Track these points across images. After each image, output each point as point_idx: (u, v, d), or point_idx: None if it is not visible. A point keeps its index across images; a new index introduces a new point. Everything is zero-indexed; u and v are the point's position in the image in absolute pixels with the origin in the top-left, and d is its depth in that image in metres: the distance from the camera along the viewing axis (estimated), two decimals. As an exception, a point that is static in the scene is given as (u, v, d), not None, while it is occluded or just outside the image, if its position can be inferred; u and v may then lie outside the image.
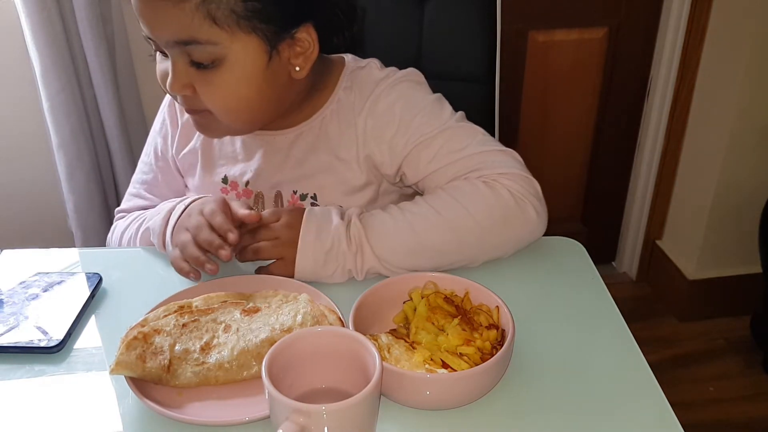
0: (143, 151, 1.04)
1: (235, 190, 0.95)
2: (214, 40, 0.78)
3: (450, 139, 0.88)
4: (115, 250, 0.96)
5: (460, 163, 0.87)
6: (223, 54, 0.79)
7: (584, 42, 1.81)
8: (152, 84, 1.66)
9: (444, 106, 0.91)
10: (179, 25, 0.76)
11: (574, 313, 0.78)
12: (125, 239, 0.95)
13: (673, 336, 1.93)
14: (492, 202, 0.83)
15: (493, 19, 1.08)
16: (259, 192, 0.95)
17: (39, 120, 1.55)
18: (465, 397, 0.64)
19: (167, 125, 1.00)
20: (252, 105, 0.85)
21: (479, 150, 0.87)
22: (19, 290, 0.81)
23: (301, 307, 0.72)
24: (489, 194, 0.83)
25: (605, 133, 1.97)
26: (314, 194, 0.93)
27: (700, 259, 1.91)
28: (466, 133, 0.89)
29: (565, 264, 0.86)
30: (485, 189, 0.83)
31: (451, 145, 0.87)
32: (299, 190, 0.93)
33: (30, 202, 1.71)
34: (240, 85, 0.82)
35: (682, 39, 1.80)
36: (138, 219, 0.95)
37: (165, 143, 1.01)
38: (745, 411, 1.70)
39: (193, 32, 0.77)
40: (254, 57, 0.81)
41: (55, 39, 1.43)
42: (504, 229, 0.83)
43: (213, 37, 0.77)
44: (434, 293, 0.72)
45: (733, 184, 1.80)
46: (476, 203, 0.82)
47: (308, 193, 0.93)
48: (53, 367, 0.71)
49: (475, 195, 0.83)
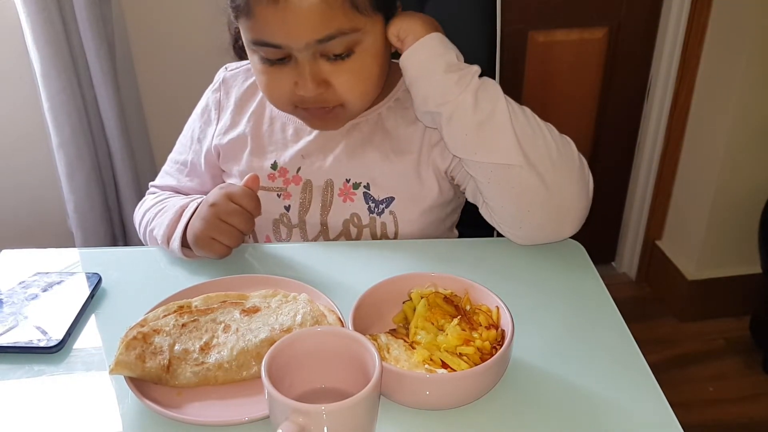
0: (182, 133, 1.05)
1: (284, 176, 0.96)
2: (358, 27, 0.81)
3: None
4: (115, 249, 0.96)
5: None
6: (360, 40, 0.82)
7: (584, 42, 1.81)
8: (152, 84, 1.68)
9: None
10: (327, 20, 0.79)
11: (574, 313, 0.78)
12: (146, 219, 0.97)
13: (673, 336, 1.93)
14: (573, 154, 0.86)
15: (493, 19, 1.08)
16: (308, 180, 0.95)
17: (39, 120, 1.55)
18: (464, 397, 0.64)
19: (210, 111, 1.01)
20: (378, 82, 0.89)
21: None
22: (19, 290, 0.81)
23: (300, 307, 0.72)
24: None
25: (605, 133, 1.97)
26: (367, 183, 0.94)
27: (700, 259, 1.91)
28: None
29: (565, 264, 0.86)
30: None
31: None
32: (352, 179, 0.94)
33: (30, 202, 1.71)
34: (373, 65, 0.86)
35: (682, 39, 1.80)
36: (162, 203, 0.97)
37: (205, 129, 1.01)
38: (745, 411, 1.70)
39: (340, 24, 0.79)
40: (380, 35, 0.85)
41: (56, 39, 1.43)
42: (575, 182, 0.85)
43: (357, 25, 0.81)
44: (434, 293, 0.72)
45: (733, 184, 1.80)
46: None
47: (361, 182, 0.94)
48: (53, 367, 0.71)
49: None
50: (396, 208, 0.94)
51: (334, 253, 0.89)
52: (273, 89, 0.87)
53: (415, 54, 0.83)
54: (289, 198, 0.95)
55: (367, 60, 0.85)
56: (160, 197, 1.00)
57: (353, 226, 0.94)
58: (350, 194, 0.94)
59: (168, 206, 0.94)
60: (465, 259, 0.88)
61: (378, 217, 0.94)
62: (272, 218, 0.96)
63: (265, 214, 0.93)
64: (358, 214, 0.94)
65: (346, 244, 0.93)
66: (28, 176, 1.68)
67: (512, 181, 0.83)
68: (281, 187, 0.95)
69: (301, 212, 0.95)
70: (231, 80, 1.02)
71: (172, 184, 1.03)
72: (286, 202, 0.95)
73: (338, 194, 0.94)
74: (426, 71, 0.83)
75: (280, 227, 0.97)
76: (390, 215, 0.94)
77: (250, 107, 0.99)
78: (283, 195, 0.95)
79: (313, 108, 0.87)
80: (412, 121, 0.94)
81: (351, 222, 0.94)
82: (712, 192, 1.81)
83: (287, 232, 0.97)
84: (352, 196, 0.94)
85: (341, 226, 0.94)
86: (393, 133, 0.94)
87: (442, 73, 0.82)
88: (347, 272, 0.85)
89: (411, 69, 0.84)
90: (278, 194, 0.95)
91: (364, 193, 0.94)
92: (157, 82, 1.68)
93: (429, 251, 0.90)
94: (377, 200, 0.94)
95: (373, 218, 0.94)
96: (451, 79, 0.82)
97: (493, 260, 0.87)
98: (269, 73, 0.85)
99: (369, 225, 0.94)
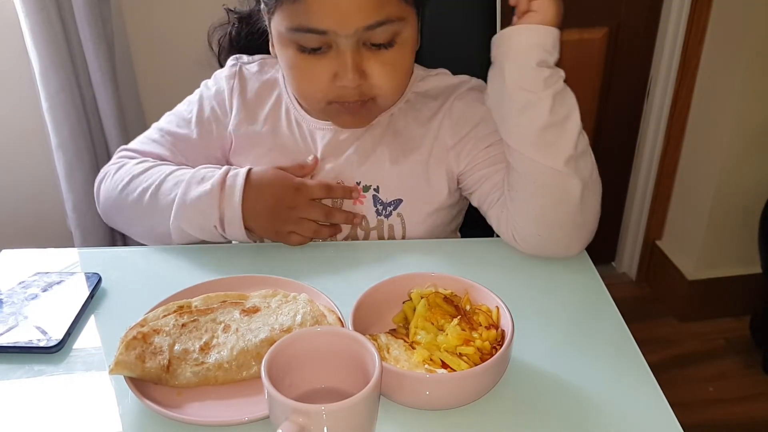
0: (178, 108, 1.00)
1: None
2: (403, 16, 0.82)
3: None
4: (114, 249, 0.96)
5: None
6: (401, 31, 0.83)
7: (584, 42, 1.81)
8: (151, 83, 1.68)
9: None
10: (378, 7, 0.80)
11: (574, 313, 0.78)
12: (134, 186, 0.91)
13: (673, 336, 1.93)
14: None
15: (493, 19, 1.08)
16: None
17: (38, 120, 1.54)
18: (464, 397, 0.64)
19: (226, 96, 0.98)
20: (408, 79, 0.92)
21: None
22: (19, 290, 0.81)
23: (300, 307, 0.72)
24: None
25: (605, 133, 1.97)
26: (377, 186, 0.93)
27: (700, 259, 1.91)
28: None
29: (565, 264, 0.86)
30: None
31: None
32: (363, 182, 0.94)
33: (29, 202, 1.70)
34: (408, 58, 0.88)
35: (682, 39, 1.80)
36: (166, 172, 0.90)
37: (220, 110, 0.98)
38: (745, 411, 1.70)
39: (390, 11, 0.80)
40: (415, 29, 0.87)
41: (55, 39, 1.43)
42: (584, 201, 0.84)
43: (402, 14, 0.82)
44: (434, 293, 0.71)
45: (733, 184, 1.80)
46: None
47: (371, 185, 0.94)
48: (52, 367, 0.71)
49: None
50: (404, 210, 0.93)
51: (334, 253, 0.89)
52: (309, 81, 0.86)
53: (529, 33, 0.80)
54: None
55: (404, 52, 0.85)
56: (151, 163, 0.93)
57: (360, 228, 0.94)
58: (360, 197, 0.94)
59: (186, 176, 0.88)
60: (465, 259, 0.88)
61: (386, 220, 0.94)
62: None
63: None
64: (366, 216, 0.94)
65: (346, 244, 0.93)
66: (27, 176, 1.68)
67: (556, 187, 0.82)
68: None
69: None
70: (246, 71, 0.99)
71: (159, 153, 0.96)
72: None
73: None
74: (525, 55, 0.80)
75: None
76: (398, 217, 0.93)
77: (266, 104, 0.97)
78: None
79: (346, 102, 0.87)
80: (423, 122, 0.94)
81: (359, 224, 0.94)
82: (712, 192, 1.81)
83: None
84: (362, 199, 0.94)
85: (348, 228, 0.94)
86: (403, 134, 0.94)
87: (535, 66, 0.80)
88: (347, 272, 0.85)
89: (515, 42, 0.81)
90: None
91: (373, 196, 0.93)
92: (156, 81, 1.68)
93: (429, 251, 0.90)
94: (385, 203, 0.93)
95: (380, 220, 0.94)
96: (542, 73, 0.80)
97: (493, 260, 0.87)
98: (306, 64, 0.84)
99: (376, 227, 0.94)
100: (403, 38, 0.84)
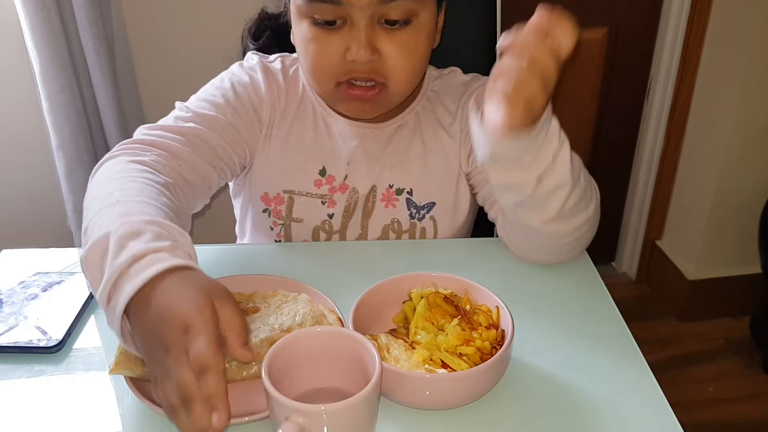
0: (201, 93, 0.91)
1: (330, 184, 0.93)
2: None
3: None
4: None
5: None
6: (418, 11, 0.81)
7: (584, 42, 1.81)
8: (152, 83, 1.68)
9: None
10: None
11: (574, 313, 0.78)
12: (88, 202, 0.71)
13: (673, 336, 1.93)
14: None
15: (493, 19, 1.08)
16: (354, 188, 0.93)
17: (38, 120, 1.54)
18: (464, 397, 0.64)
19: (263, 88, 0.91)
20: (422, 68, 0.88)
21: None
22: (19, 290, 0.81)
23: (300, 307, 0.72)
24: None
25: (605, 133, 1.97)
26: (410, 189, 0.93)
27: (700, 259, 1.91)
28: None
29: (565, 264, 0.86)
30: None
31: None
32: (395, 185, 0.93)
33: (29, 202, 1.70)
34: (423, 43, 0.85)
35: (682, 39, 1.80)
36: (119, 200, 0.67)
37: (257, 99, 0.91)
38: (745, 411, 1.70)
39: None
40: (433, 17, 0.85)
41: (55, 39, 1.42)
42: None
43: None
44: (434, 293, 0.72)
45: (732, 184, 1.80)
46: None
47: (404, 188, 0.93)
48: (53, 367, 0.71)
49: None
50: (437, 213, 0.93)
51: (335, 253, 0.89)
52: (321, 56, 0.83)
53: (515, 141, 0.70)
54: (334, 206, 0.93)
55: (419, 35, 0.83)
56: (132, 175, 0.73)
57: (392, 231, 0.94)
58: (393, 200, 0.93)
59: (126, 220, 0.63)
60: (465, 259, 0.88)
61: (418, 223, 0.93)
62: (313, 225, 0.93)
63: (306, 221, 0.92)
64: (399, 219, 0.93)
65: (346, 245, 0.93)
66: (27, 176, 1.68)
67: (548, 235, 0.80)
68: (326, 195, 0.92)
69: (344, 219, 0.93)
70: (274, 71, 0.94)
71: (207, 112, 0.86)
72: (330, 210, 0.93)
73: (381, 200, 0.93)
74: (514, 161, 0.73)
75: (320, 234, 0.94)
76: (430, 220, 0.93)
77: (293, 105, 0.94)
78: (328, 203, 0.93)
79: (356, 86, 0.84)
80: (446, 124, 0.94)
81: (391, 228, 0.93)
82: (712, 192, 1.81)
83: (326, 238, 0.95)
84: (395, 202, 0.93)
85: (380, 232, 0.94)
86: (429, 134, 0.94)
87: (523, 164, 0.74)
88: (347, 272, 0.85)
89: (505, 150, 0.72)
90: (323, 201, 0.93)
91: (407, 199, 0.93)
92: (157, 81, 1.68)
93: (429, 251, 0.90)
94: (419, 206, 0.93)
95: (413, 224, 0.93)
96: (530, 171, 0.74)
97: (493, 260, 0.87)
98: (320, 38, 0.82)
99: (409, 230, 0.94)
100: (420, 21, 0.82)
